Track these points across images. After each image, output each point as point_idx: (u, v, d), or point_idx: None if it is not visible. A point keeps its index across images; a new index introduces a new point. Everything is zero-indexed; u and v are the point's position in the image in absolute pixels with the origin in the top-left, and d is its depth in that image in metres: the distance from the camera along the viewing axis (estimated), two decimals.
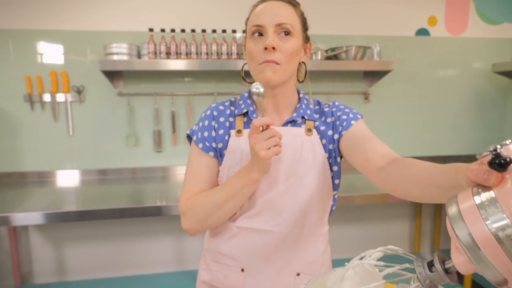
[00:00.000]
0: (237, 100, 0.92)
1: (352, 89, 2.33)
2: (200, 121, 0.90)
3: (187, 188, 0.87)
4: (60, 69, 2.05)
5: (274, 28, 0.79)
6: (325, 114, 0.91)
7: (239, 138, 0.86)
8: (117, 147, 2.17)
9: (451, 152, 2.53)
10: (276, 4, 0.82)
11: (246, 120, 0.89)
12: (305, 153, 0.86)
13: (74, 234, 2.17)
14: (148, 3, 2.08)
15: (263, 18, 0.80)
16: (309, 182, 0.85)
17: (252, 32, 0.81)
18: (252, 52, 0.81)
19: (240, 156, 0.85)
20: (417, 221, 2.46)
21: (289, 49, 0.80)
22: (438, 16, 2.37)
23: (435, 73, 2.44)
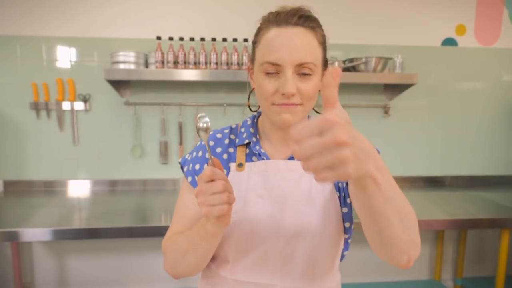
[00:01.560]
0: (238, 127, 0.82)
1: (371, 102, 2.18)
2: (194, 150, 0.80)
3: (171, 226, 0.79)
4: (67, 77, 2.00)
5: (294, 69, 0.67)
6: None
7: (241, 173, 0.76)
8: (123, 157, 2.10)
9: (479, 172, 2.33)
10: (295, 34, 0.67)
11: (248, 151, 0.78)
12: (314, 193, 0.74)
13: (77, 246, 2.10)
14: (157, 10, 2.00)
15: (280, 54, 0.66)
16: (319, 227, 0.73)
17: (265, 69, 0.68)
18: (264, 91, 0.69)
19: (244, 194, 0.74)
20: (438, 246, 2.27)
21: (310, 90, 0.68)
22: (467, 25, 2.19)
23: (463, 86, 2.26)
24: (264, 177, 0.74)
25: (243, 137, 0.78)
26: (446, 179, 2.31)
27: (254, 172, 0.75)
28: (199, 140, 0.79)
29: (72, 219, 1.61)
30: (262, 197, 0.73)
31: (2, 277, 2.09)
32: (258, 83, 0.70)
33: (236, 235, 0.72)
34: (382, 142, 2.24)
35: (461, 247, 2.27)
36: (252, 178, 0.75)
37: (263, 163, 0.76)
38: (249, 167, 0.76)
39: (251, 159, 0.77)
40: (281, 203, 0.73)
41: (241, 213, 0.72)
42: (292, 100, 0.68)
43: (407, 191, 2.14)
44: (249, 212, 0.72)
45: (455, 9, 2.17)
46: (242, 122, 0.82)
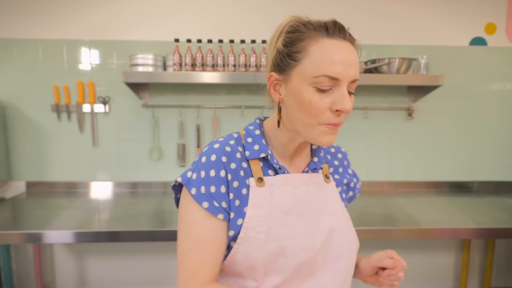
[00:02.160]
0: (241, 137, 0.74)
1: (393, 104, 2.11)
2: (200, 168, 0.68)
3: (191, 266, 0.66)
4: (87, 79, 2.01)
5: (348, 84, 0.64)
6: (334, 158, 0.84)
7: (262, 189, 0.70)
8: (141, 159, 2.10)
9: (508, 177, 2.22)
10: (350, 49, 0.64)
11: (263, 164, 0.72)
12: (331, 203, 0.76)
13: (98, 247, 2.13)
14: (175, 12, 1.99)
15: (340, 69, 0.62)
16: (342, 233, 0.75)
17: (320, 82, 0.63)
18: (316, 108, 0.63)
19: (267, 213, 0.68)
20: (464, 254, 2.18)
21: (351, 108, 0.66)
22: (498, 23, 2.08)
23: (492, 87, 2.15)
24: (286, 192, 0.71)
25: (254, 150, 0.71)
26: (473, 184, 2.21)
27: (276, 187, 0.71)
28: (200, 152, 0.71)
29: (92, 221, 1.62)
30: (288, 213, 0.70)
31: (24, 276, 2.14)
32: (304, 98, 0.64)
33: (263, 258, 0.67)
34: (405, 146, 2.16)
35: (489, 256, 2.17)
36: (275, 193, 0.70)
37: (284, 177, 0.72)
38: (269, 182, 0.71)
39: (268, 172, 0.72)
40: (306, 216, 0.71)
41: (271, 234, 0.67)
42: (340, 119, 0.66)
43: (432, 197, 2.06)
44: (277, 232, 0.68)
45: (484, 7, 2.06)
46: (245, 131, 0.75)
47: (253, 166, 0.71)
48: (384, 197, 2.03)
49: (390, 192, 2.15)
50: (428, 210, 1.83)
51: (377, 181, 2.18)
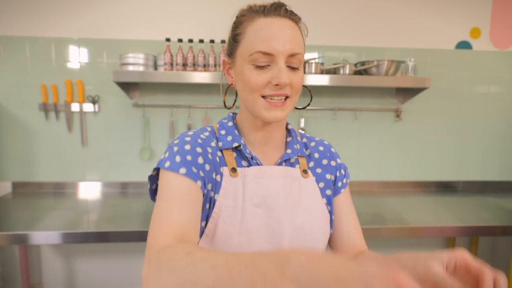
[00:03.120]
0: (215, 130, 0.76)
1: (382, 105, 2.15)
2: (173, 146, 0.67)
3: (164, 217, 0.58)
4: (76, 78, 1.99)
5: (285, 59, 0.66)
6: (315, 150, 0.82)
7: (235, 179, 0.70)
8: (131, 159, 2.09)
9: (493, 177, 2.29)
10: (285, 24, 0.66)
11: (236, 155, 0.73)
12: (304, 198, 0.74)
13: (86, 247, 2.10)
14: (166, 11, 1.98)
15: (273, 44, 0.64)
16: (311, 231, 0.73)
17: (255, 59, 0.65)
18: (254, 84, 0.66)
19: (241, 204, 0.68)
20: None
21: (299, 82, 0.68)
22: (482, 27, 2.14)
23: (477, 90, 2.21)
24: (259, 184, 0.71)
25: (227, 140, 0.73)
26: (459, 184, 2.26)
27: (249, 179, 0.71)
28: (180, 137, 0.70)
29: (80, 222, 1.60)
30: (259, 206, 0.70)
31: (10, 278, 2.10)
32: (245, 76, 0.67)
33: (234, 248, 0.67)
34: (394, 146, 2.21)
35: (473, 253, 2.23)
36: (248, 185, 0.70)
37: (258, 169, 0.72)
38: (242, 173, 0.71)
39: (241, 163, 0.73)
40: (277, 211, 0.70)
41: (240, 227, 0.68)
42: (285, 90, 0.67)
43: (419, 196, 2.10)
44: (247, 224, 0.68)
45: (470, 12, 2.12)
46: (219, 124, 0.77)
47: (227, 157, 0.71)
48: (373, 197, 2.07)
49: (379, 191, 2.19)
50: (415, 209, 1.87)
51: (366, 181, 2.22)
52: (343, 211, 0.79)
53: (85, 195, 2.02)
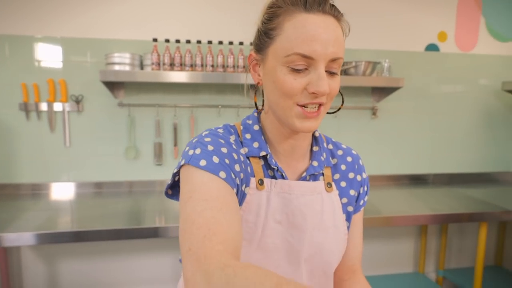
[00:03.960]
0: (238, 131, 0.68)
1: (359, 104, 2.28)
2: (206, 144, 0.60)
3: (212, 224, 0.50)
4: (58, 77, 1.96)
5: (326, 64, 0.58)
6: (343, 161, 0.75)
7: (261, 192, 0.63)
8: (116, 159, 2.08)
9: (459, 170, 2.48)
10: (329, 23, 0.57)
11: (263, 163, 0.66)
12: (326, 217, 0.69)
13: (67, 249, 2.07)
14: (153, 12, 2.00)
15: (316, 47, 0.55)
16: (328, 251, 0.69)
17: (292, 61, 0.57)
18: (289, 90, 0.58)
19: (262, 220, 0.63)
20: (422, 240, 2.40)
21: (336, 89, 0.61)
22: (448, 31, 2.32)
23: (444, 90, 2.39)
24: (284, 199, 0.65)
25: (254, 147, 0.65)
26: (429, 177, 2.44)
27: (274, 193, 0.65)
28: (198, 135, 0.64)
29: (61, 223, 1.58)
30: (280, 223, 0.65)
31: None
32: (278, 78, 0.58)
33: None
34: (371, 143, 2.34)
35: (443, 240, 2.41)
36: (272, 200, 0.65)
37: (285, 184, 0.66)
38: (269, 186, 0.65)
39: (268, 173, 0.66)
40: (298, 229, 0.66)
41: (258, 243, 0.64)
42: (321, 99, 0.59)
43: (393, 189, 2.25)
44: (266, 242, 0.64)
45: (437, 16, 2.29)
46: (243, 126, 0.69)
47: (254, 165, 0.65)
48: None
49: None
50: (391, 201, 2.01)
51: None
52: (354, 231, 0.77)
53: (69, 195, 1.99)
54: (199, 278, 0.44)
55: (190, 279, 0.45)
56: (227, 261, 0.45)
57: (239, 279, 0.41)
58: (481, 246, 1.90)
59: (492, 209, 1.86)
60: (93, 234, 1.48)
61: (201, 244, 0.47)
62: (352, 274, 0.78)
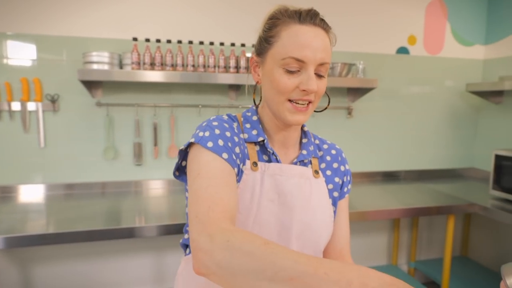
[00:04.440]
0: (239, 121, 0.78)
1: (336, 104, 2.36)
2: (214, 128, 0.69)
3: (216, 197, 0.60)
4: (33, 76, 1.90)
5: (315, 67, 0.68)
6: (327, 153, 0.86)
7: (255, 173, 0.73)
8: (95, 159, 2.05)
9: (429, 166, 2.62)
10: (319, 34, 0.68)
11: (258, 149, 0.76)
12: (314, 198, 0.78)
13: (43, 254, 2.01)
14: (132, 11, 1.98)
15: (306, 52, 0.66)
16: (317, 230, 0.77)
17: (287, 64, 0.68)
18: (283, 87, 0.69)
19: (258, 198, 0.71)
20: (395, 233, 2.53)
21: (323, 89, 0.72)
22: (418, 35, 2.46)
23: (415, 91, 2.53)
24: (276, 181, 0.74)
25: (252, 134, 0.75)
26: (401, 173, 2.56)
27: (268, 175, 0.74)
28: (205, 121, 0.73)
29: (34, 225, 1.53)
30: (273, 202, 0.73)
31: None
32: (275, 77, 0.69)
33: None
34: (346, 141, 2.43)
35: (414, 233, 2.54)
36: (266, 181, 0.73)
37: (277, 167, 0.75)
38: (262, 168, 0.74)
39: (262, 158, 0.76)
40: (289, 208, 0.74)
41: (254, 219, 0.72)
42: (310, 97, 0.70)
43: (368, 185, 2.35)
44: (260, 218, 0.72)
45: (408, 21, 2.42)
46: (243, 117, 0.79)
47: (249, 150, 0.74)
48: None
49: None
50: (365, 197, 2.10)
51: None
52: (341, 216, 0.85)
53: (42, 198, 1.93)
54: (204, 238, 0.53)
55: (196, 239, 0.54)
56: (226, 226, 0.55)
57: (236, 238, 0.51)
58: (449, 238, 2.03)
59: (459, 202, 2.00)
60: (67, 236, 1.44)
61: (206, 213, 0.57)
62: (341, 259, 0.83)
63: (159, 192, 2.09)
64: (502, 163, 2.01)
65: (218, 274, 0.50)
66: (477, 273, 2.38)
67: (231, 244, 0.50)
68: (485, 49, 2.59)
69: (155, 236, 2.12)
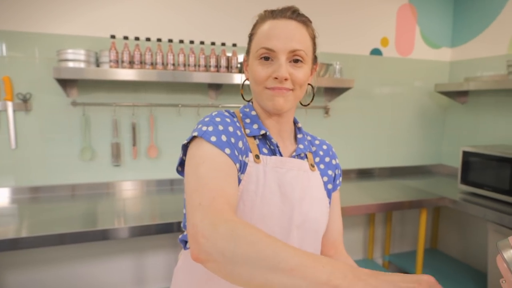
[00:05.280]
0: (238, 117, 0.81)
1: (313, 103, 2.41)
2: (217, 123, 0.72)
3: (219, 188, 0.62)
4: (3, 74, 1.82)
5: (287, 55, 0.72)
6: (320, 148, 0.91)
7: (258, 165, 0.75)
8: (70, 161, 1.98)
9: (401, 163, 2.74)
10: (289, 25, 0.74)
11: (258, 142, 0.79)
12: (313, 190, 0.82)
13: (16, 259, 1.93)
14: (110, 8, 1.94)
15: (275, 42, 0.72)
16: (315, 219, 0.81)
17: (260, 54, 0.73)
18: (258, 77, 0.74)
19: (261, 190, 0.74)
20: (370, 228, 2.62)
21: (301, 77, 0.74)
22: (390, 37, 2.56)
23: (387, 91, 2.63)
24: (277, 173, 0.77)
25: (254, 128, 0.78)
26: (375, 170, 2.66)
27: (270, 167, 0.77)
28: (207, 116, 0.75)
29: (6, 230, 1.48)
30: (275, 194, 0.76)
31: None
32: (253, 69, 0.75)
33: None
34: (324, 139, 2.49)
35: (388, 227, 2.65)
36: (268, 173, 0.76)
37: (277, 159, 0.78)
38: (264, 160, 0.77)
39: (263, 151, 0.79)
40: (289, 199, 0.77)
41: (258, 210, 0.74)
42: (285, 85, 0.73)
43: (343, 183, 2.42)
44: (263, 210, 0.74)
45: (381, 23, 2.52)
46: (242, 113, 0.82)
47: (251, 144, 0.77)
48: None
49: None
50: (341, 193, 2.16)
51: None
52: (334, 208, 0.89)
53: (11, 201, 1.85)
54: (207, 226, 0.54)
55: (199, 225, 0.55)
56: (230, 217, 0.56)
57: (240, 228, 0.53)
58: (422, 231, 2.13)
59: (430, 196, 2.10)
60: (38, 240, 1.39)
61: (211, 202, 0.59)
62: (335, 250, 0.87)
63: (137, 192, 2.05)
64: (469, 159, 2.14)
65: (219, 262, 0.52)
66: (447, 265, 2.52)
67: (235, 234, 0.52)
68: (452, 52, 2.74)
69: (134, 238, 2.09)
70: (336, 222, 0.90)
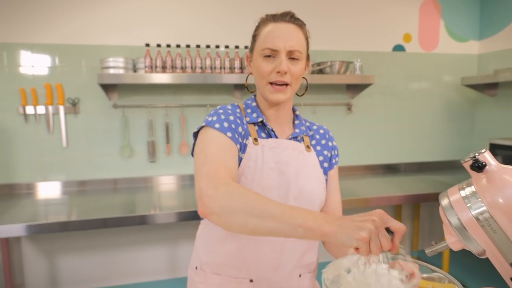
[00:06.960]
0: (241, 108, 0.96)
1: (336, 100, 2.49)
2: (220, 113, 0.87)
3: (223, 162, 0.78)
4: (55, 82, 2.09)
5: (286, 53, 0.86)
6: (317, 132, 1.03)
7: (256, 147, 0.89)
8: (112, 158, 2.22)
9: (428, 158, 2.73)
10: (288, 28, 0.87)
11: (257, 128, 0.93)
12: (309, 167, 0.94)
13: (66, 245, 2.18)
14: (143, 18, 2.16)
15: (277, 42, 0.85)
16: (311, 192, 0.92)
17: (264, 53, 0.87)
18: (262, 72, 0.87)
19: (260, 167, 0.87)
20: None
21: (297, 71, 0.88)
22: (413, 33, 2.58)
23: (411, 86, 2.64)
24: (274, 152, 0.91)
25: (253, 116, 0.92)
26: (400, 166, 2.67)
27: (267, 148, 0.90)
28: (213, 110, 0.90)
29: (56, 215, 1.71)
30: (273, 169, 0.89)
31: None
32: (257, 65, 0.88)
33: None
34: (347, 136, 2.56)
35: (415, 223, 2.64)
36: (265, 152, 0.90)
37: (274, 141, 0.91)
38: (262, 143, 0.90)
39: (261, 135, 0.92)
40: (286, 174, 0.90)
41: (258, 183, 0.87)
42: (285, 78, 0.86)
43: (369, 178, 2.46)
44: (263, 182, 0.87)
45: (403, 19, 2.55)
46: (245, 105, 0.96)
47: (250, 130, 0.91)
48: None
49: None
50: (366, 187, 2.22)
51: None
52: (332, 185, 1.00)
53: (63, 194, 2.10)
54: (211, 189, 0.70)
55: (204, 188, 0.71)
56: (230, 182, 0.72)
57: (235, 188, 0.69)
58: None
59: None
60: (84, 224, 1.62)
61: (215, 172, 0.75)
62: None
63: (171, 186, 2.24)
64: (496, 152, 2.11)
65: (219, 214, 0.68)
66: (475, 262, 2.46)
67: (232, 193, 0.68)
68: (479, 44, 2.69)
69: (168, 226, 2.28)
70: (335, 196, 1.00)
